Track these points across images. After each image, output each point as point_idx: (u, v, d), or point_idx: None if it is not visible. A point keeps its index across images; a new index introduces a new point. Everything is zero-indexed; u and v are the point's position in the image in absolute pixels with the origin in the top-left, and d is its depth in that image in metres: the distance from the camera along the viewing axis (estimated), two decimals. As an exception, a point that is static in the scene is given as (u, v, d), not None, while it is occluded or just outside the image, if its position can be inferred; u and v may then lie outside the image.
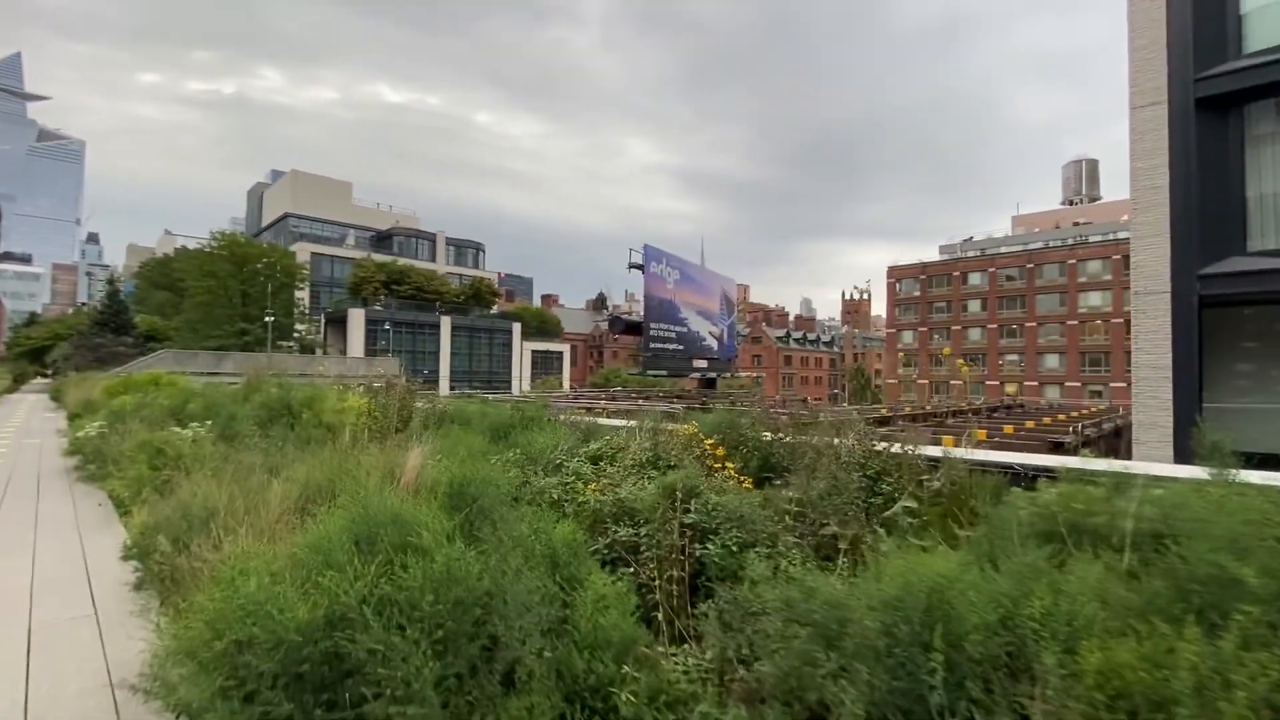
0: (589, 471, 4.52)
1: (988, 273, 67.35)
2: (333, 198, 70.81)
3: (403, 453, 4.60)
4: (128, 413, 9.44)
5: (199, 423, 8.67)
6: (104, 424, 8.88)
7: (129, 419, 8.97)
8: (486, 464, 3.94)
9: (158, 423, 8.89)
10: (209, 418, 9.52)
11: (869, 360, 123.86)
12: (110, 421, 8.97)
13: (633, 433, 5.39)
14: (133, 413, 9.45)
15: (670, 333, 37.07)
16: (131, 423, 8.67)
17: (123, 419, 8.97)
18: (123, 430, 8.47)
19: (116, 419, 9.05)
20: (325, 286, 64.95)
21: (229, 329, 44.57)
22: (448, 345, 56.26)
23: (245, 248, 46.48)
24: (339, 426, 7.86)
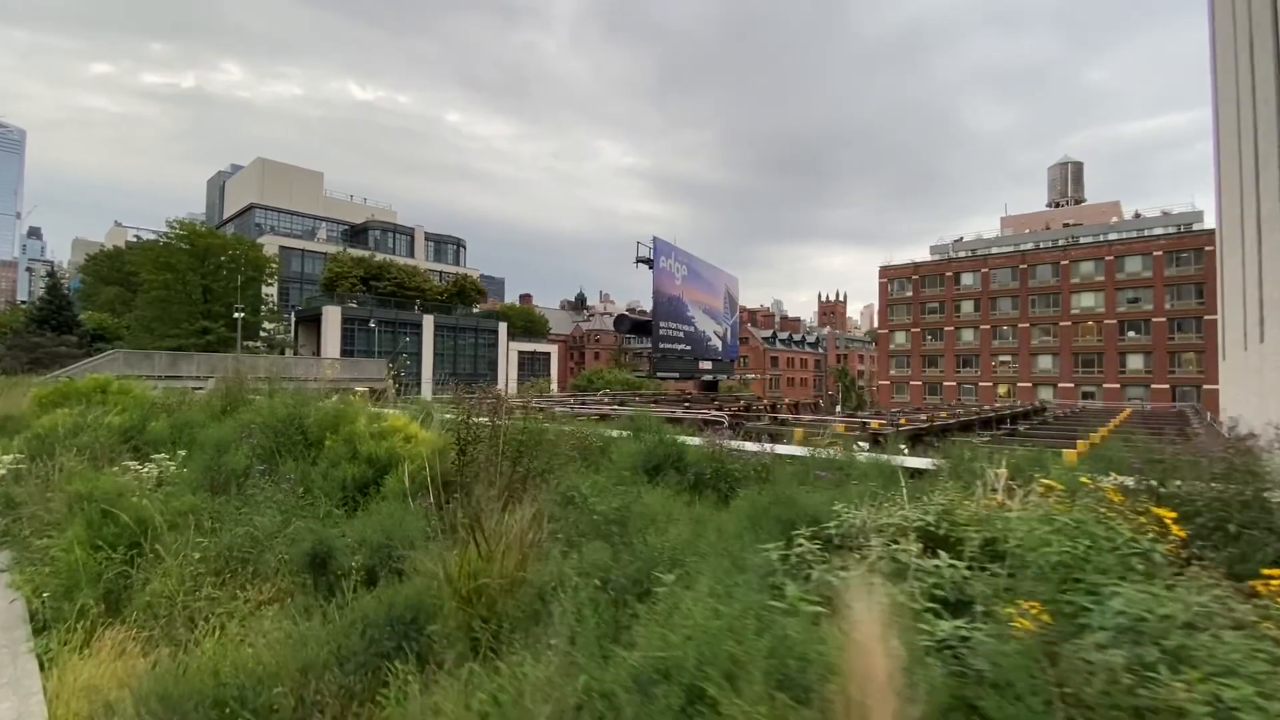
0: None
1: (980, 273, 66.76)
2: (302, 188, 66.60)
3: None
4: (61, 436, 6.61)
5: (167, 454, 5.95)
6: (22, 455, 6.05)
7: (62, 446, 6.16)
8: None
9: (105, 453, 6.12)
10: (180, 444, 6.78)
11: (851, 361, 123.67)
12: (33, 451, 6.14)
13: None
14: (69, 436, 6.63)
15: (679, 332, 34.72)
16: (66, 454, 5.88)
17: (53, 447, 6.16)
18: (51, 467, 5.68)
19: (43, 447, 6.23)
20: (295, 282, 60.84)
21: (188, 327, 40.58)
22: (430, 345, 52.90)
23: (207, 239, 42.49)
24: (391, 462, 5.25)
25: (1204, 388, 52.89)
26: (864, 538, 3.00)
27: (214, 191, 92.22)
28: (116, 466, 5.56)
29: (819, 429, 17.82)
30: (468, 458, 4.22)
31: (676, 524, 3.06)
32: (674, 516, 3.19)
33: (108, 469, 5.43)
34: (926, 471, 5.06)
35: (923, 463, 5.19)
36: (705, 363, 39.09)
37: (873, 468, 4.95)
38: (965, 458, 4.80)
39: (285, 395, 8.98)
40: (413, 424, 6.35)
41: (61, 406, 10.74)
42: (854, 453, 5.44)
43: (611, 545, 2.85)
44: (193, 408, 9.96)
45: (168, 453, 6.09)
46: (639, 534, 2.96)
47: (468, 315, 59.31)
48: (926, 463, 5.17)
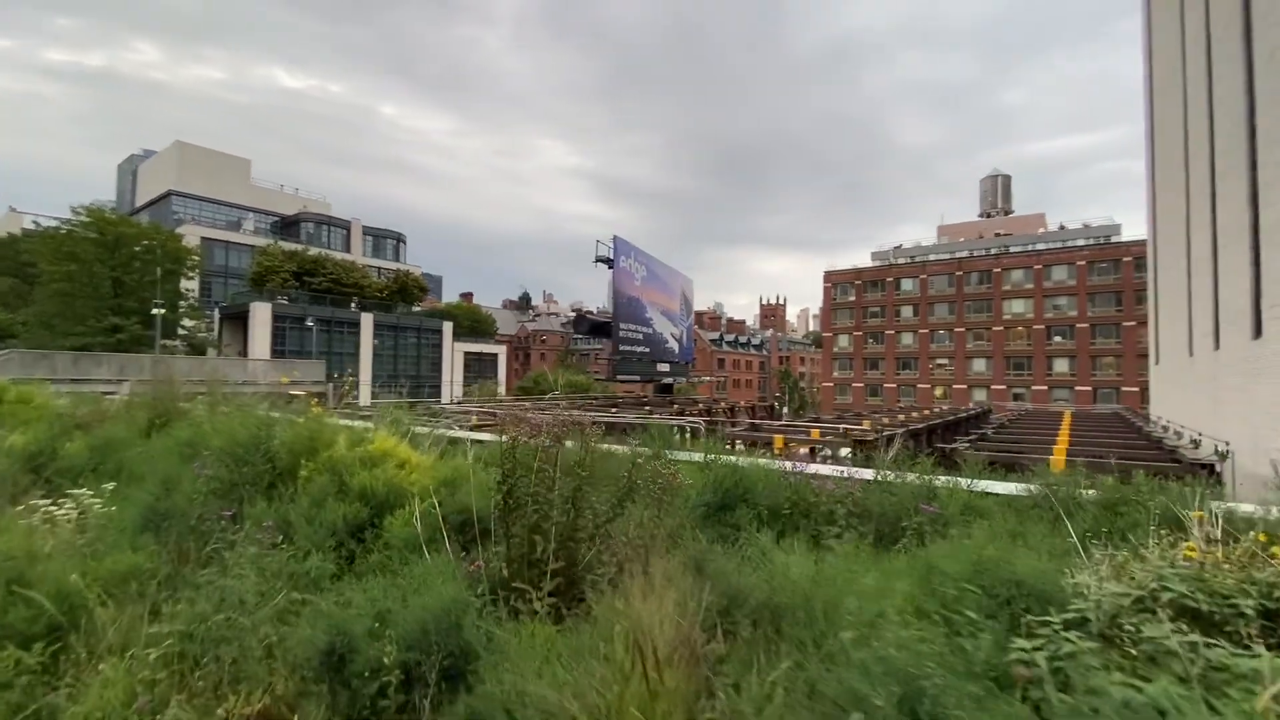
0: None
1: (919, 279, 69.27)
2: (227, 175, 61.97)
3: None
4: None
5: (88, 487, 4.68)
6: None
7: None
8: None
9: (5, 489, 4.76)
10: (104, 472, 5.47)
11: (793, 363, 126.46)
12: None
13: None
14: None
15: (638, 334, 33.98)
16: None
17: None
18: None
19: None
20: (218, 277, 56.54)
21: (96, 324, 36.71)
22: (369, 346, 50.09)
23: (119, 226, 38.57)
24: (389, 499, 4.21)
25: (1122, 389, 56.56)
26: (1103, 618, 2.29)
27: (125, 177, 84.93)
28: (21, 507, 4.28)
29: (798, 436, 17.44)
30: (514, 496, 3.27)
31: (866, 600, 2.25)
32: (861, 590, 2.37)
33: (8, 512, 4.14)
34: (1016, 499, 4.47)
35: (1007, 488, 4.59)
36: (663, 365, 38.54)
37: (954, 497, 4.29)
38: (1052, 483, 4.22)
39: (234, 407, 7.69)
40: (402, 446, 5.30)
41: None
42: (922, 473, 4.78)
43: (798, 648, 2.02)
44: (114, 421, 8.43)
45: (89, 485, 4.81)
46: (825, 622, 2.14)
47: (410, 314, 56.62)
48: (1013, 488, 4.57)
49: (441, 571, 3.08)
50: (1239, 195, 13.22)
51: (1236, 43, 12.96)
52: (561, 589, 2.94)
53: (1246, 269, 12.75)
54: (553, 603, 2.89)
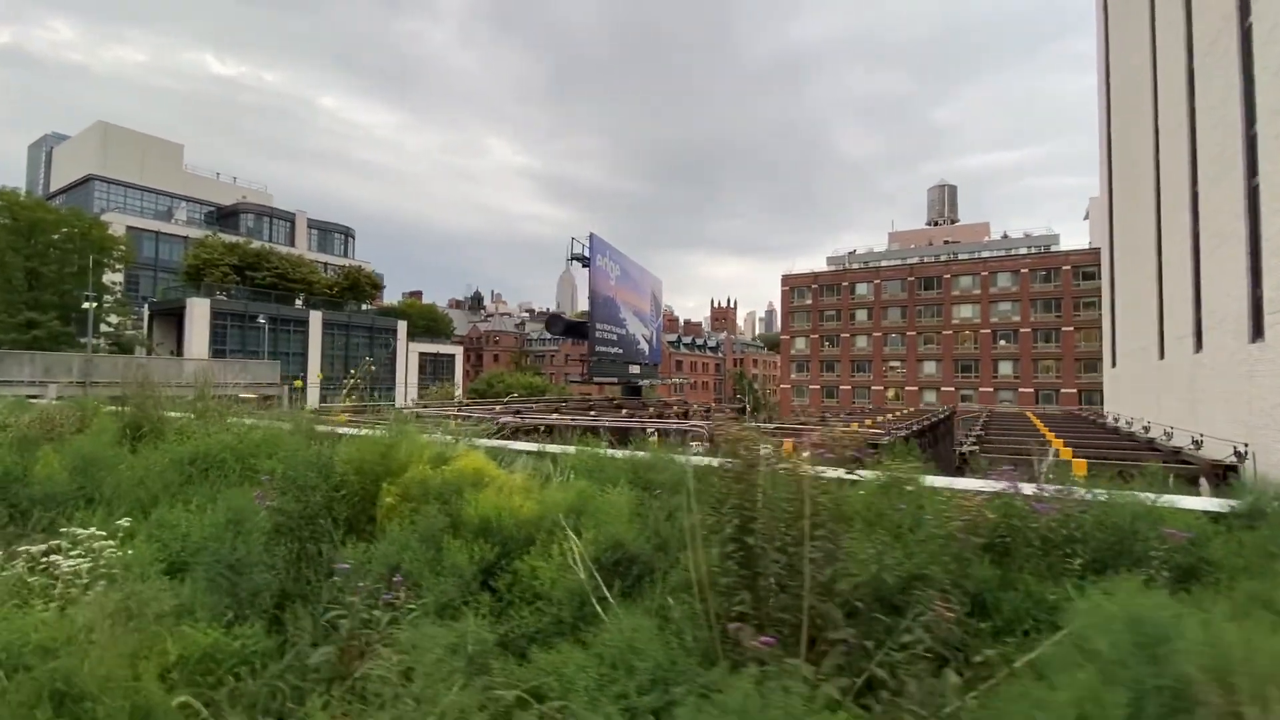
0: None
1: (873, 284, 71.10)
2: (157, 161, 57.47)
3: None
4: None
5: (90, 525, 3.62)
6: None
7: None
8: None
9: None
10: (100, 499, 4.37)
11: (746, 365, 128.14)
12: None
13: None
14: None
15: (612, 334, 33.18)
16: None
17: None
18: None
19: None
20: (147, 270, 52.24)
21: (8, 320, 33.06)
22: (319, 345, 47.31)
23: (34, 211, 34.89)
24: (519, 534, 3.36)
25: (1061, 390, 59.52)
26: None
27: (37, 160, 78.05)
28: (4, 555, 3.22)
29: (803, 439, 17.09)
30: (745, 537, 2.50)
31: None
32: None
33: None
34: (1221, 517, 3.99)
35: (1208, 503, 4.11)
36: (634, 366, 37.83)
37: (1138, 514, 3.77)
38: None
39: (234, 415, 6.66)
40: (492, 464, 4.41)
41: None
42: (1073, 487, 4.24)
43: None
44: (75, 434, 7.08)
45: (85, 520, 3.73)
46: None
47: (361, 312, 53.90)
48: (1215, 503, 4.09)
49: (654, 638, 2.28)
50: (1231, 203, 13.60)
51: (1232, 56, 13.33)
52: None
53: (1241, 275, 13.10)
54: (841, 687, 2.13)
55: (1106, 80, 29.21)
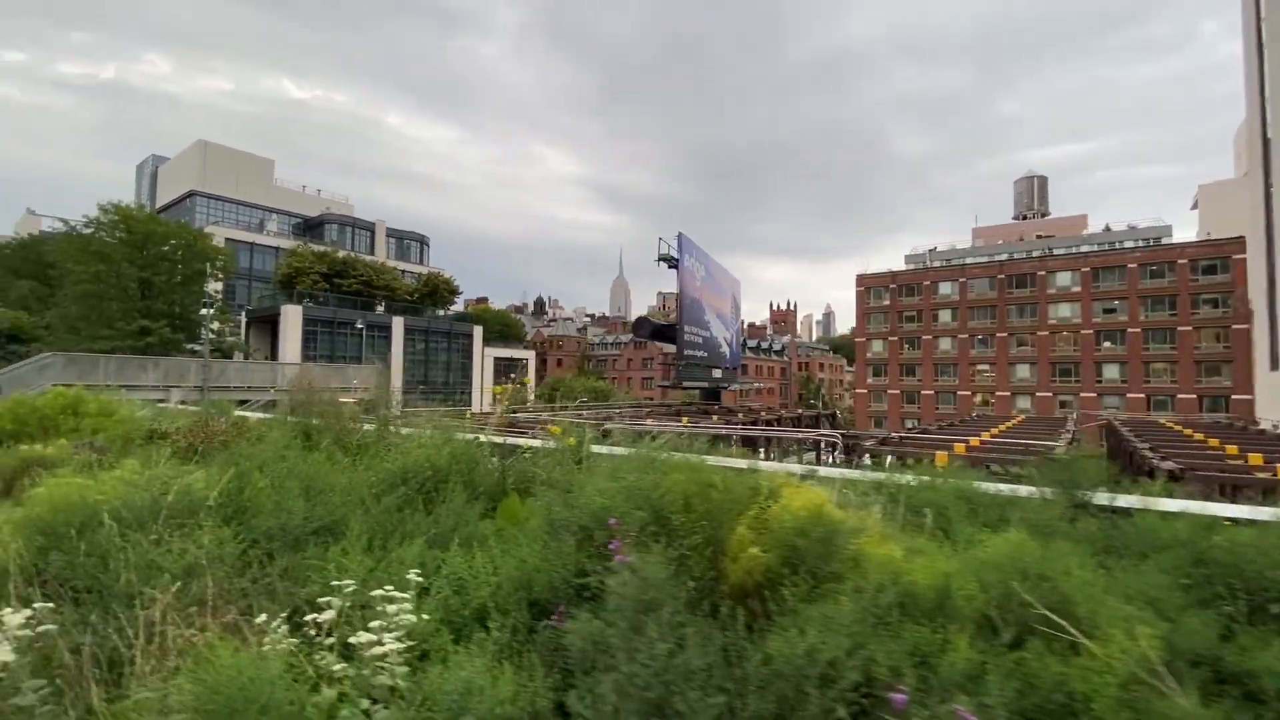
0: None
1: (958, 283, 67.23)
2: (250, 176, 60.45)
3: None
4: (103, 528, 3.16)
5: (354, 567, 2.80)
6: (44, 608, 2.67)
7: (122, 566, 2.78)
8: None
9: (222, 584, 2.81)
10: (336, 523, 3.61)
11: (812, 369, 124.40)
12: (54, 572, 2.76)
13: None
14: (96, 526, 3.20)
15: (698, 337, 32.09)
16: (139, 599, 2.58)
17: (98, 570, 2.78)
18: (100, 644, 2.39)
19: (73, 570, 2.84)
20: (241, 279, 54.83)
21: (124, 327, 34.94)
22: (400, 350, 48.29)
23: (148, 225, 36.87)
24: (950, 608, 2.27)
25: (1178, 396, 54.35)
26: None
27: (144, 179, 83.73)
28: (252, 622, 2.40)
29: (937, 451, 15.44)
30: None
31: None
32: None
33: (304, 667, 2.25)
34: None
35: None
36: (717, 370, 36.60)
37: None
38: None
39: (429, 427, 5.90)
40: (825, 497, 3.37)
41: (32, 437, 7.00)
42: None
43: None
44: (244, 444, 6.52)
45: (334, 556, 2.93)
46: None
47: (439, 317, 54.87)
48: None
49: None
50: None
51: None
52: None
53: None
54: None
55: (1260, 52, 25.98)
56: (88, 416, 7.89)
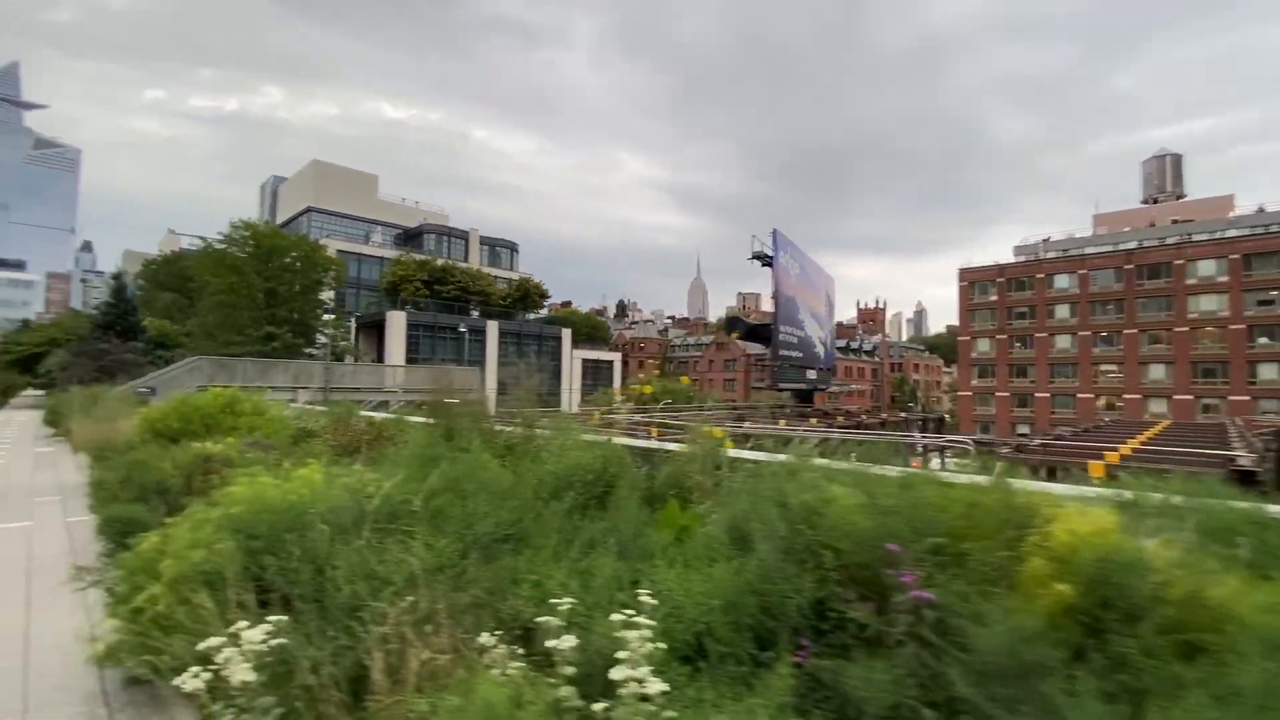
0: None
1: (1077, 275, 61.45)
2: (357, 191, 64.64)
3: None
4: (308, 529, 3.03)
5: (563, 578, 2.45)
6: (280, 624, 2.51)
7: (339, 574, 2.58)
8: None
9: (451, 613, 2.57)
10: (524, 531, 3.31)
11: (906, 369, 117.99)
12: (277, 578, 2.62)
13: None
14: (303, 529, 3.07)
15: (793, 337, 30.91)
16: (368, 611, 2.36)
17: (318, 579, 2.60)
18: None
19: (295, 582, 2.68)
20: (349, 287, 58.63)
21: (253, 333, 38.04)
22: (495, 353, 49.89)
23: (272, 239, 40.03)
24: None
25: (1357, 401, 47.03)
26: None
27: (265, 198, 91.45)
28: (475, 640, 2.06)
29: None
30: None
31: None
32: None
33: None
34: None
35: None
36: (811, 371, 35.16)
37: None
38: None
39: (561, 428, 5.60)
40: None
41: (196, 432, 7.40)
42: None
43: None
44: (390, 443, 6.55)
45: (537, 564, 2.59)
46: None
47: (530, 321, 56.33)
48: None
49: None
50: None
51: None
52: None
53: None
54: None
55: None
56: (243, 415, 8.25)
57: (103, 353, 28.52)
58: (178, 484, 5.09)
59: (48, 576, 5.11)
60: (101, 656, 3.03)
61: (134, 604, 3.02)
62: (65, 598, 4.66)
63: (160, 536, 3.37)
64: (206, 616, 2.48)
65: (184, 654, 2.53)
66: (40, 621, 4.14)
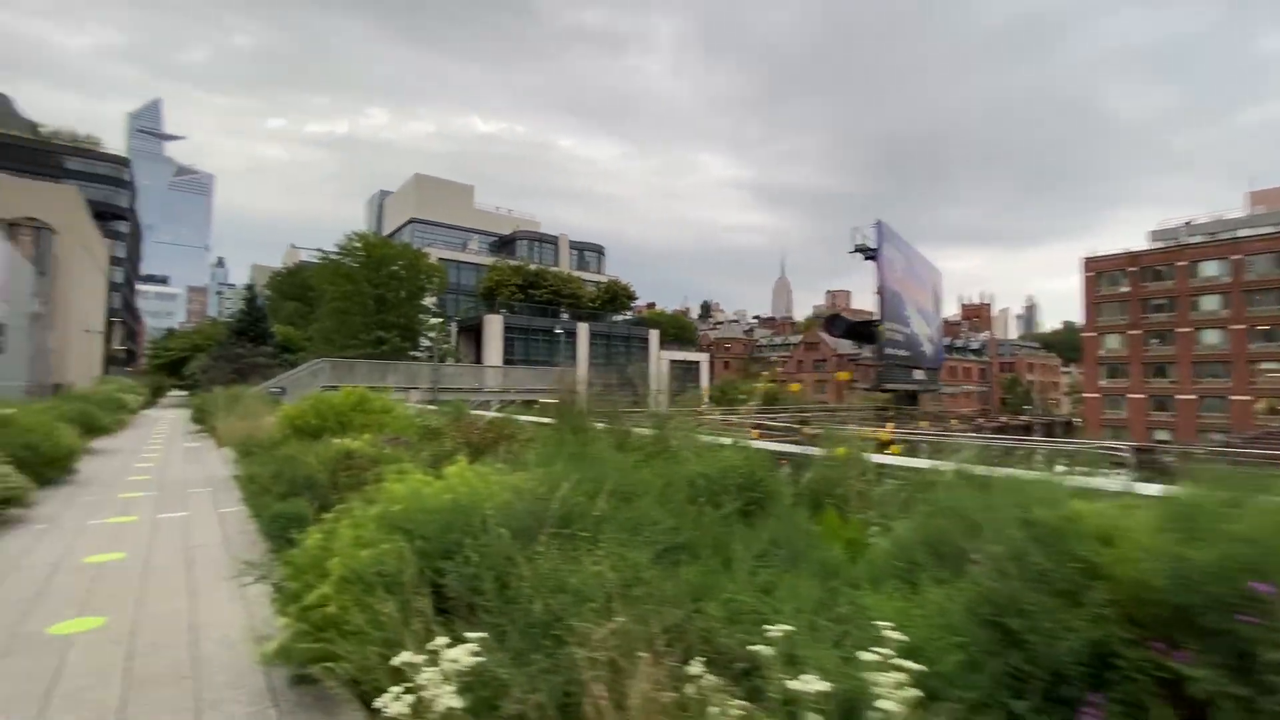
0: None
1: (1230, 261, 54.32)
2: (455, 201, 67.88)
3: None
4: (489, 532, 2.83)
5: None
6: (477, 650, 2.28)
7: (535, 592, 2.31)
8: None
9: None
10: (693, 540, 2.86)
11: (1019, 369, 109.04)
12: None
13: None
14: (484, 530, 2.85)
15: (899, 334, 29.08)
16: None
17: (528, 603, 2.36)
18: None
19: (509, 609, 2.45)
20: (449, 293, 61.59)
21: (365, 337, 40.67)
22: (585, 354, 50.66)
23: (381, 248, 42.68)
24: None
25: None
26: None
27: (372, 211, 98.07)
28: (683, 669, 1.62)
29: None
30: None
31: None
32: None
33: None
34: None
35: None
36: (918, 371, 32.99)
37: None
38: None
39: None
40: None
41: (333, 428, 7.66)
42: None
43: None
44: (517, 443, 6.41)
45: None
46: None
47: (618, 322, 56.80)
48: None
49: None
50: None
51: None
52: None
53: None
54: None
55: None
56: (372, 413, 8.47)
57: (238, 356, 31.35)
58: (324, 479, 5.14)
59: (207, 566, 5.31)
60: (273, 655, 2.93)
61: (304, 602, 2.91)
62: (223, 588, 4.79)
63: (323, 533, 3.27)
64: (388, 624, 2.25)
65: (362, 660, 2.33)
66: (204, 611, 4.22)
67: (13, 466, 7.09)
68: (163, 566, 5.25)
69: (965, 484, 4.15)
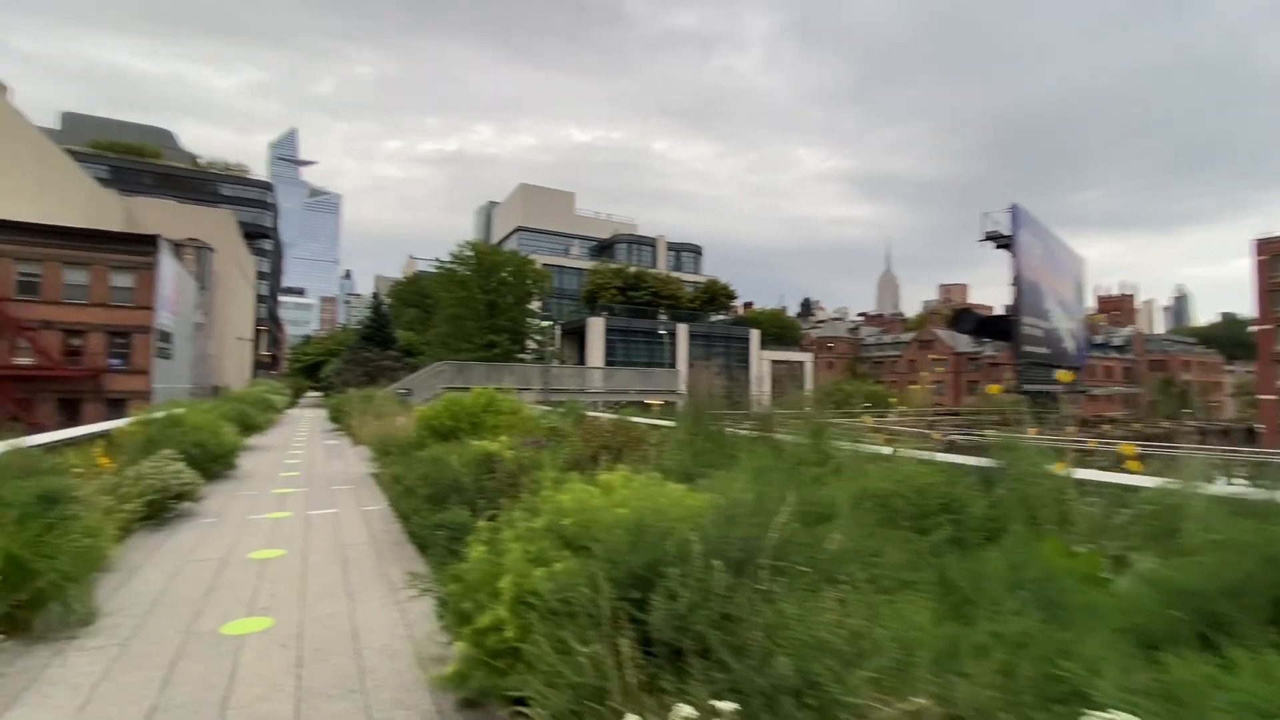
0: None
1: None
2: (557, 208, 69.90)
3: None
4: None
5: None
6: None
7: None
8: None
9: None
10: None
11: (1172, 368, 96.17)
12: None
13: None
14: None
15: (1038, 330, 26.25)
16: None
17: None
18: None
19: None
20: (553, 297, 63.49)
21: (478, 341, 42.68)
22: (685, 354, 50.28)
23: (492, 256, 44.67)
24: None
25: None
26: None
27: (481, 221, 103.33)
28: None
29: None
30: None
31: None
32: None
33: None
34: None
35: None
36: (1059, 371, 29.65)
37: None
38: None
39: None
40: None
41: (464, 431, 7.73)
42: None
43: None
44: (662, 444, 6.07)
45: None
46: None
47: (717, 323, 55.96)
48: None
49: None
50: None
51: None
52: None
53: None
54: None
55: None
56: (501, 414, 8.48)
57: (367, 360, 33.81)
58: (469, 483, 5.03)
59: (359, 566, 5.37)
60: (449, 680, 2.72)
61: (476, 624, 2.66)
62: (376, 590, 4.79)
63: (487, 546, 3.03)
64: (588, 667, 1.91)
65: (561, 706, 2.00)
66: (362, 616, 4.18)
67: (185, 463, 7.68)
68: (319, 565, 5.36)
69: (1225, 508, 3.29)
